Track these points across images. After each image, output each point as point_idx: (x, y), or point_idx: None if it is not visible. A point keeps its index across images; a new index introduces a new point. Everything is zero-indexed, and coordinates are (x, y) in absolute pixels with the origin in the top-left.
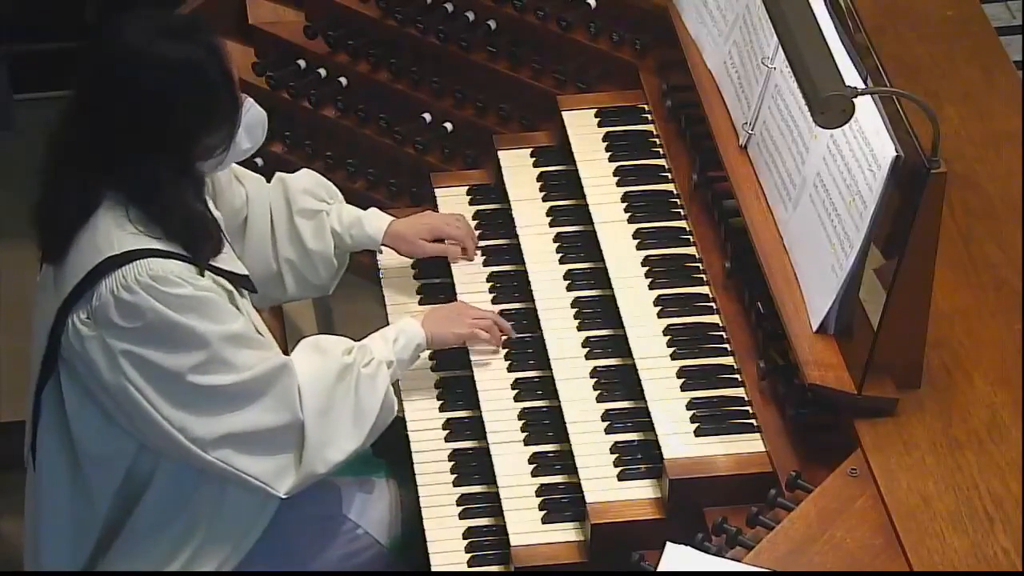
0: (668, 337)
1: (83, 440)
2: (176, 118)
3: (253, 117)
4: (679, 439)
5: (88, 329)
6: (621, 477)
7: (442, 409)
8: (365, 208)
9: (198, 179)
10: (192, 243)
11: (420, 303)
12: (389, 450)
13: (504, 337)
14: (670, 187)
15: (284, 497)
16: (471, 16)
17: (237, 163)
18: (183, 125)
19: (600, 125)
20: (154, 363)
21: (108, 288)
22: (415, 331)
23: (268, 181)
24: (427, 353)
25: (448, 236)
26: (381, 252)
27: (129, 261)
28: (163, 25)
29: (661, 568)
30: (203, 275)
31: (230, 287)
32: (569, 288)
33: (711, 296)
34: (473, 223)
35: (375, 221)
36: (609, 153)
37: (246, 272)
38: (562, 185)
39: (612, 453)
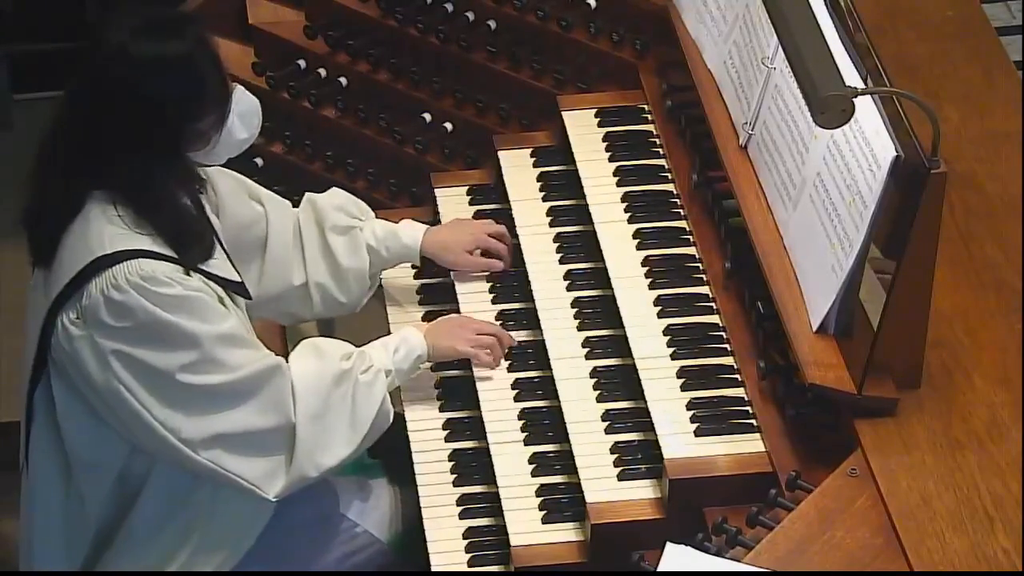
0: (668, 337)
1: (74, 443)
2: (165, 114)
3: (245, 105)
4: (679, 439)
5: (78, 329)
6: (621, 477)
7: (442, 409)
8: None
9: (189, 171)
10: (181, 238)
11: (420, 303)
12: (386, 452)
13: (506, 348)
14: (670, 187)
15: (274, 500)
16: (471, 16)
17: (238, 153)
18: (172, 120)
19: (600, 125)
20: (144, 363)
21: (98, 287)
22: (417, 342)
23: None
24: None
25: (491, 249)
26: (419, 266)
27: (119, 261)
28: (149, 21)
29: (661, 568)
30: (190, 275)
31: (220, 292)
32: (569, 288)
33: (711, 296)
34: None
35: (411, 231)
36: (609, 153)
37: (239, 279)
38: (562, 185)
39: (612, 453)
